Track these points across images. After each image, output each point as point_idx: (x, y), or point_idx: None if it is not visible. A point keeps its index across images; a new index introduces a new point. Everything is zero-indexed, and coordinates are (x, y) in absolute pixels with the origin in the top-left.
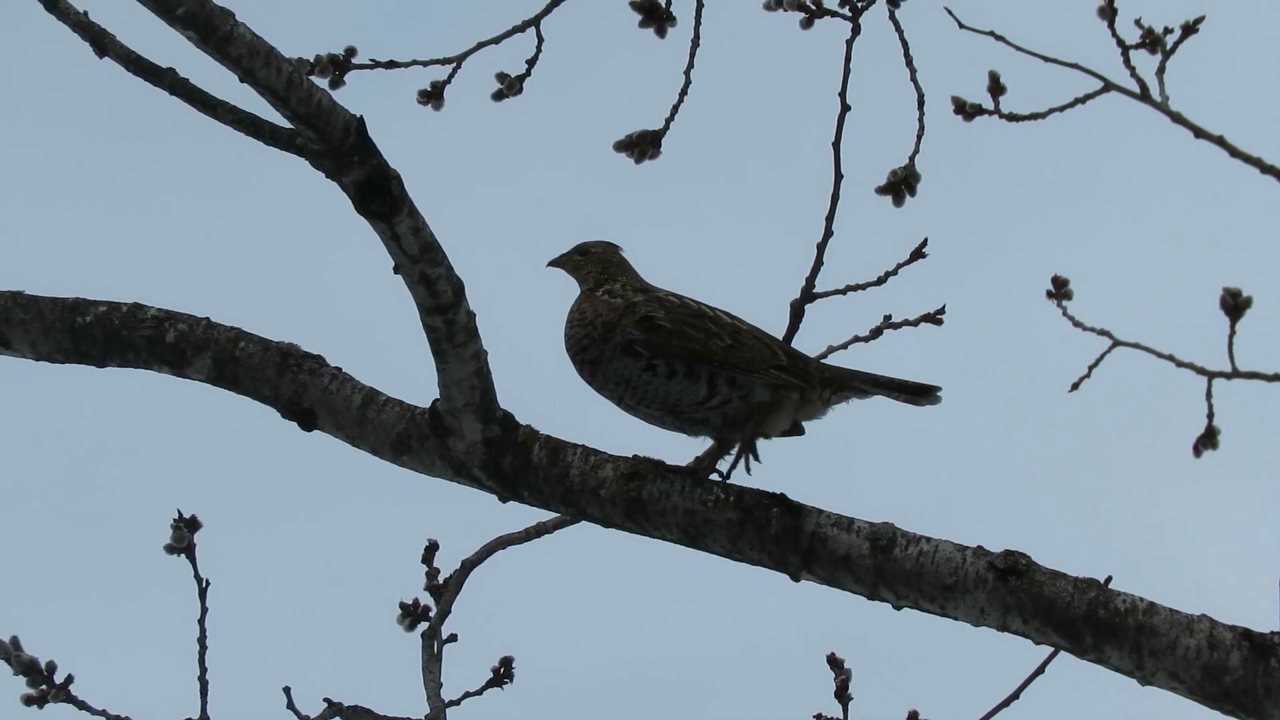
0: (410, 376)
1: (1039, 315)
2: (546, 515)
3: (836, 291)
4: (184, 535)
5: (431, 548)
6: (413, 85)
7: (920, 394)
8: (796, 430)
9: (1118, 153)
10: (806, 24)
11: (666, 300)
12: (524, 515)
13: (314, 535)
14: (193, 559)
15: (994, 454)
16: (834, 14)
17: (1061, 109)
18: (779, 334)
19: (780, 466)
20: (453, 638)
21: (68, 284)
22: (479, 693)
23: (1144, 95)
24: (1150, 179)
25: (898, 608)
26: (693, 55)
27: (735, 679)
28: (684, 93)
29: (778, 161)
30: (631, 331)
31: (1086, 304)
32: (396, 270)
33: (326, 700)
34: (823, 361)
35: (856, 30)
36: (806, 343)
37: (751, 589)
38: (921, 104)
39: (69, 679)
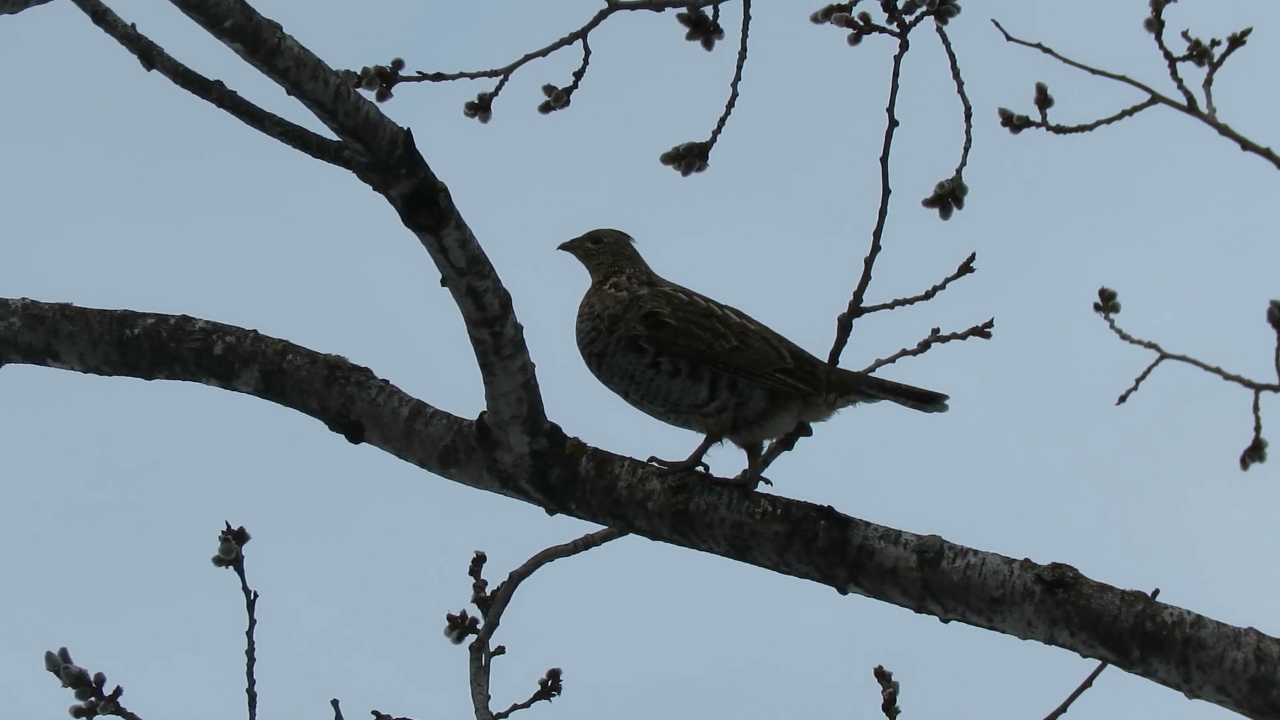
0: (458, 389)
1: (1086, 328)
2: (594, 528)
3: (884, 306)
4: (232, 547)
5: (479, 560)
6: (460, 98)
7: (927, 400)
8: (804, 431)
9: (1165, 165)
10: (854, 40)
11: (674, 296)
12: (571, 528)
13: (361, 548)
14: (241, 571)
15: (1041, 466)
16: (882, 30)
17: (1109, 121)
18: (825, 349)
19: (824, 478)
20: (500, 650)
21: (116, 296)
22: (526, 705)
23: (1191, 107)
24: (1197, 191)
25: (945, 620)
26: (740, 68)
27: (782, 692)
28: (731, 105)
29: (825, 175)
30: (636, 327)
31: (1134, 317)
32: (444, 283)
33: (374, 713)
34: (828, 364)
35: (904, 46)
36: (854, 357)
37: (798, 601)
38: (969, 117)
39: (118, 691)
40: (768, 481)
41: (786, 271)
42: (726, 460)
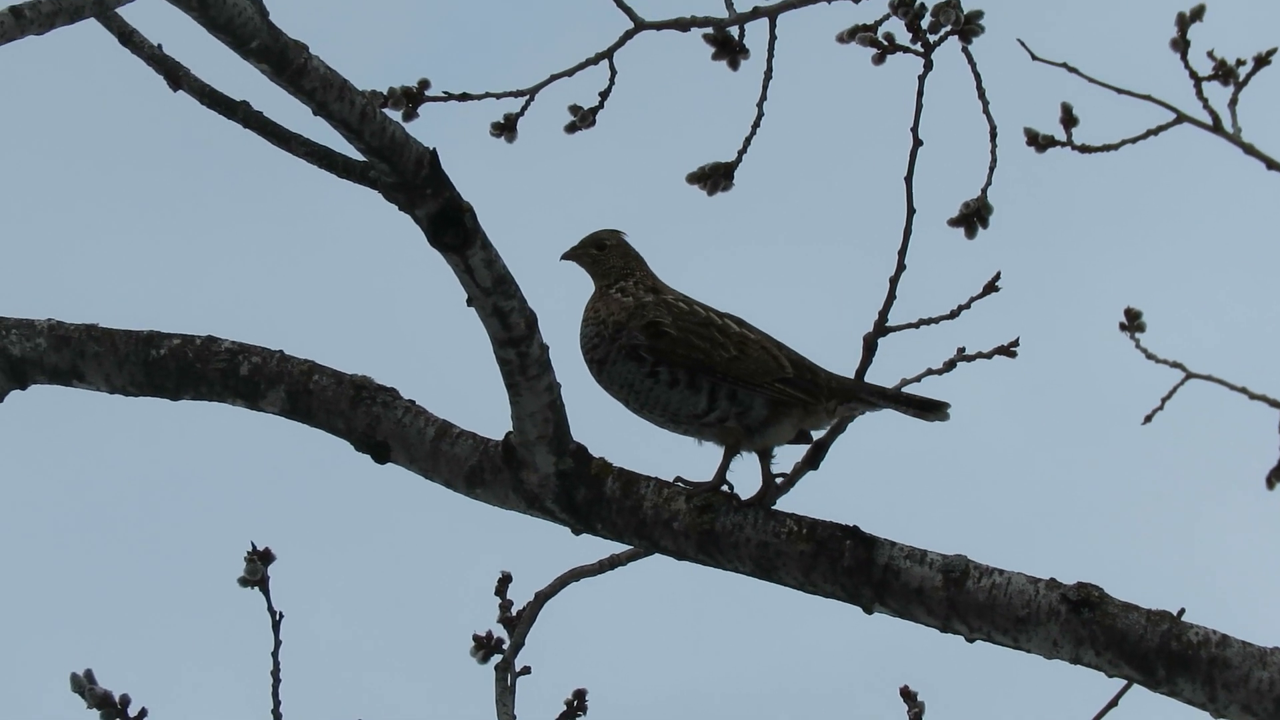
0: (483, 409)
1: (1112, 347)
2: (619, 547)
3: (909, 325)
4: (258, 568)
5: (505, 580)
6: (486, 117)
7: (929, 409)
8: (805, 439)
9: (1190, 185)
10: (879, 60)
11: (675, 305)
12: (597, 547)
13: (387, 568)
14: (266, 592)
15: (1067, 485)
16: (906, 49)
17: (1134, 140)
18: (851, 368)
19: (849, 497)
20: (526, 670)
21: (142, 317)
22: None
23: (1216, 127)
24: (1223, 211)
25: (970, 640)
26: (765, 88)
27: (808, 712)
28: (756, 125)
29: (850, 194)
30: (636, 336)
31: (1159, 336)
32: (470, 303)
33: None
34: (831, 372)
35: (929, 66)
36: (880, 376)
37: (824, 621)
38: (994, 136)
39: (143, 712)
40: (780, 478)
41: (812, 291)
42: (746, 474)
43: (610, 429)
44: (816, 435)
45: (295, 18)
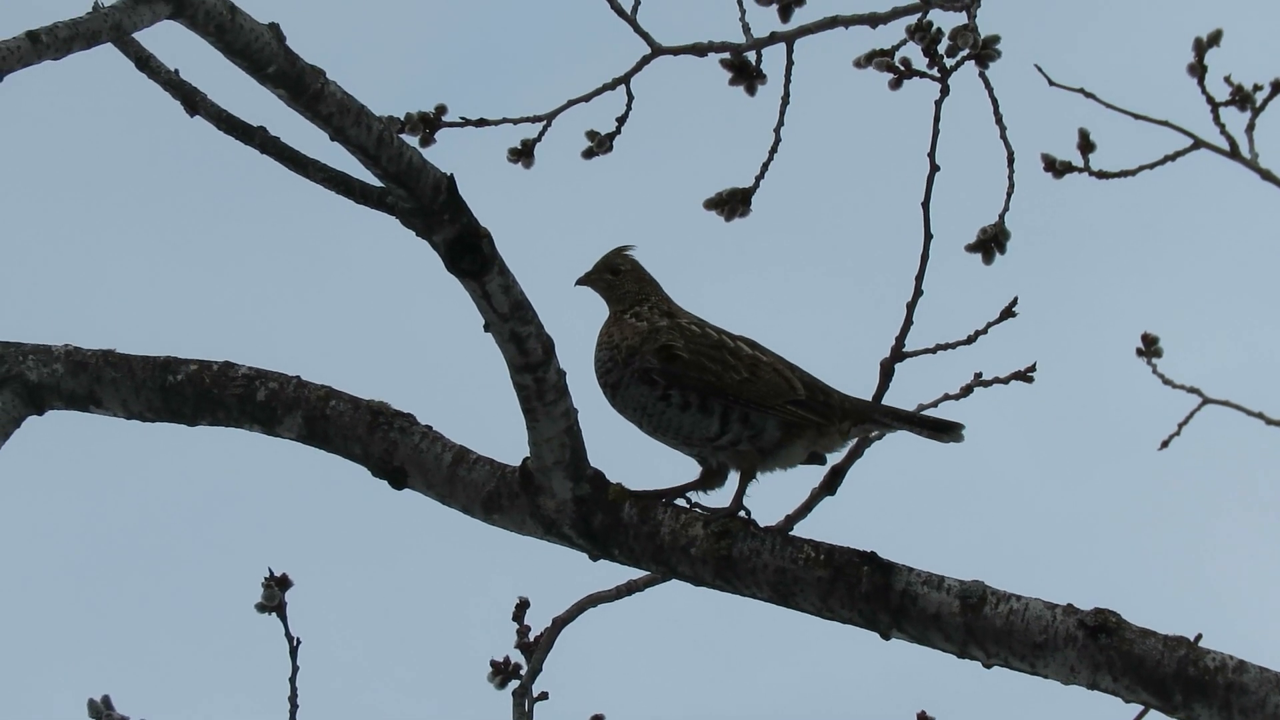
0: (500, 435)
1: (1129, 372)
2: (637, 573)
3: (926, 350)
4: (275, 594)
5: (522, 605)
6: (503, 143)
7: (942, 430)
8: (817, 460)
9: (1207, 210)
10: (895, 85)
11: (688, 329)
12: (614, 573)
13: (404, 593)
14: (284, 617)
15: (1084, 511)
16: (923, 75)
17: (1151, 166)
18: (868, 393)
19: (866, 523)
20: (544, 696)
21: (159, 342)
22: None
23: (1234, 152)
24: (1240, 236)
25: (988, 666)
26: (783, 113)
27: None
28: (774, 150)
29: (867, 219)
30: (650, 359)
31: (1176, 361)
32: (487, 328)
33: None
34: (844, 393)
35: (945, 91)
36: (897, 401)
37: (841, 646)
38: (1011, 162)
39: None
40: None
41: (829, 316)
42: (762, 499)
43: (627, 453)
44: (833, 460)
45: (312, 43)
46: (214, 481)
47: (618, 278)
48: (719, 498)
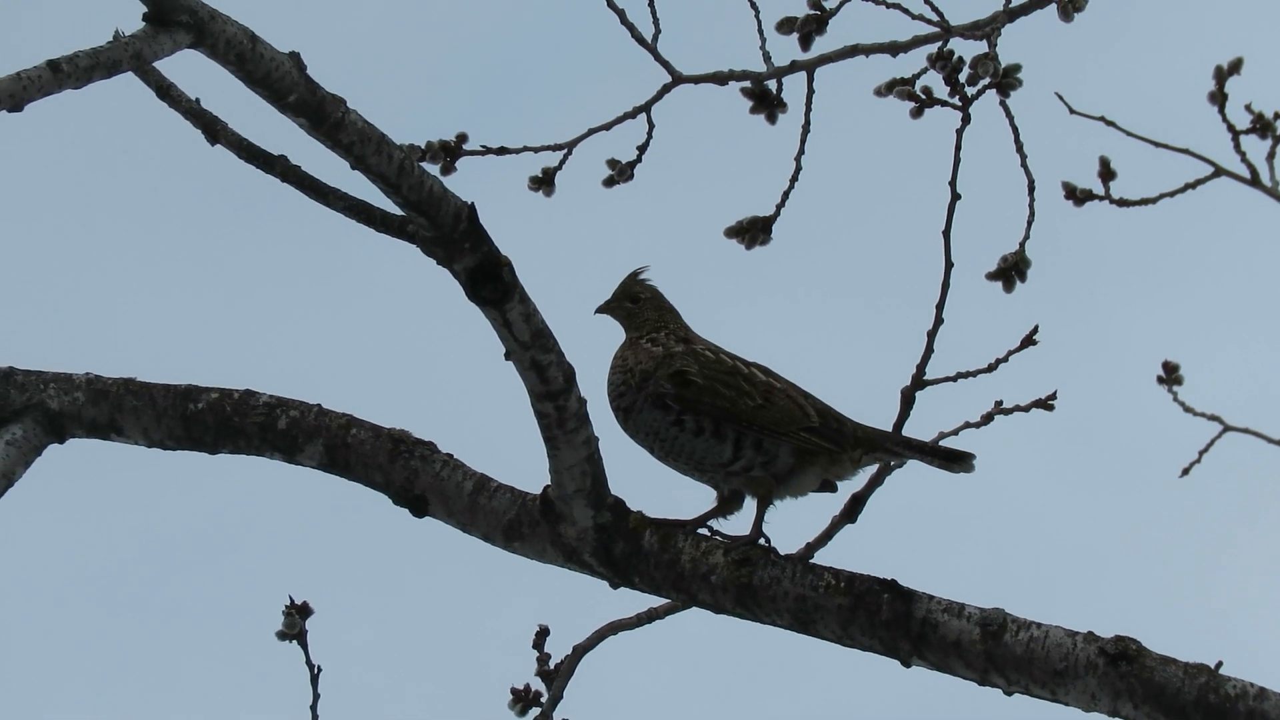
0: (521, 463)
1: (1150, 400)
2: (657, 601)
3: (947, 379)
4: (296, 622)
5: (542, 633)
6: (524, 171)
7: (953, 460)
8: (829, 487)
9: (1228, 238)
10: (916, 114)
11: (702, 355)
12: (635, 601)
13: (425, 621)
14: (304, 645)
15: (1103, 538)
16: (944, 103)
17: (1172, 194)
18: (889, 421)
19: (885, 550)
20: None
21: (179, 370)
22: None
23: (1254, 180)
24: (1261, 264)
25: (1008, 693)
26: (803, 141)
27: None
28: (794, 179)
29: (887, 247)
30: (663, 384)
31: (1197, 389)
32: (508, 357)
33: None
34: (857, 421)
35: (966, 120)
36: (918, 429)
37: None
38: (1032, 189)
39: None
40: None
41: (850, 344)
42: (782, 526)
43: (647, 481)
44: (854, 488)
45: (332, 71)
46: (235, 509)
47: (637, 305)
48: (734, 524)
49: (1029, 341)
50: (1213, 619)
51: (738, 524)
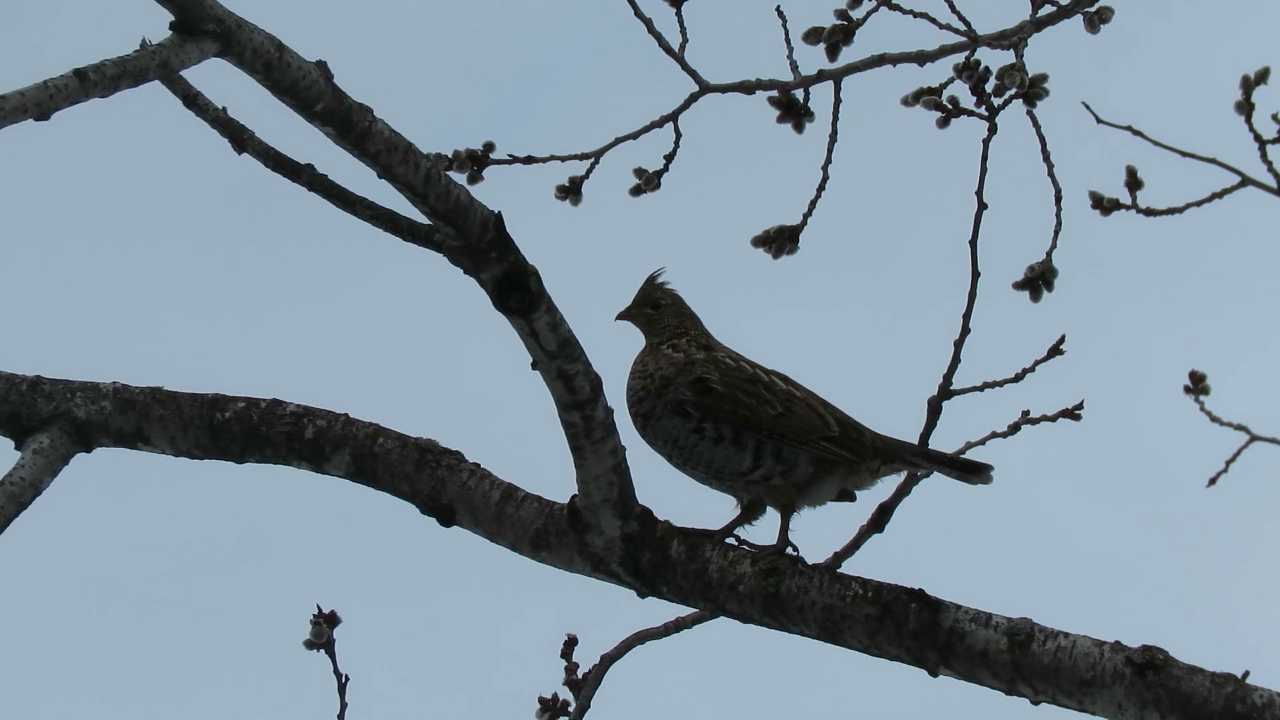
0: (548, 472)
1: (1176, 410)
2: (685, 610)
3: (974, 388)
4: (323, 631)
5: (570, 643)
6: (550, 180)
7: (972, 471)
8: (847, 497)
9: (1255, 247)
10: (943, 123)
11: (723, 362)
12: (662, 610)
13: (452, 630)
14: (332, 654)
15: (1130, 548)
16: (970, 113)
17: (1199, 204)
18: (915, 431)
19: (912, 560)
20: None
21: (206, 379)
22: None
23: None
24: None
25: (1035, 703)
26: (830, 151)
27: None
28: (821, 188)
29: (914, 257)
30: (683, 391)
31: (1223, 399)
32: (534, 366)
33: None
34: (876, 432)
35: (993, 129)
36: (945, 438)
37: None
38: (1059, 199)
39: None
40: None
41: (876, 353)
42: (809, 535)
43: (673, 490)
44: (881, 498)
45: (359, 80)
46: (262, 519)
47: (658, 312)
48: (757, 532)
49: (1056, 351)
50: (1239, 628)
51: (760, 532)
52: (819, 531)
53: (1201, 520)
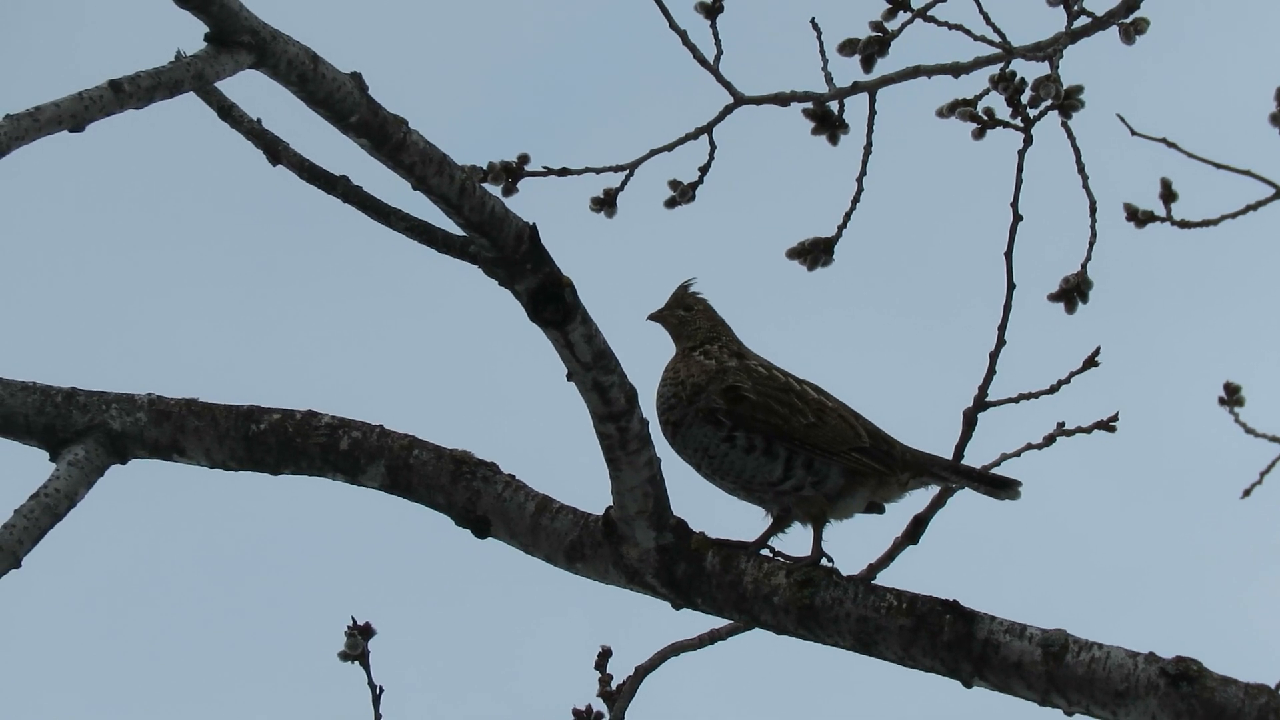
0: (583, 484)
1: (1211, 421)
2: (719, 622)
3: (1009, 400)
4: (358, 642)
5: (605, 654)
6: (585, 192)
7: (1000, 486)
8: (876, 509)
9: None
10: (979, 135)
11: (756, 370)
12: (697, 622)
13: (487, 642)
14: (366, 666)
15: (1165, 559)
16: (1006, 124)
17: (1234, 216)
18: (951, 442)
19: (946, 571)
20: None
21: (242, 391)
22: None
23: None
24: None
25: (1069, 714)
26: (865, 163)
27: None
28: (856, 200)
29: (949, 268)
30: (715, 399)
31: (1258, 411)
32: (569, 378)
33: None
34: (906, 444)
35: (1028, 141)
36: (980, 450)
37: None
38: (1094, 211)
39: None
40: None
41: (912, 365)
42: (844, 547)
43: (708, 502)
44: (916, 510)
45: (393, 92)
46: (297, 531)
47: (690, 314)
48: (788, 544)
49: (1091, 363)
50: (1273, 639)
51: (790, 543)
52: (853, 543)
53: (1235, 532)
